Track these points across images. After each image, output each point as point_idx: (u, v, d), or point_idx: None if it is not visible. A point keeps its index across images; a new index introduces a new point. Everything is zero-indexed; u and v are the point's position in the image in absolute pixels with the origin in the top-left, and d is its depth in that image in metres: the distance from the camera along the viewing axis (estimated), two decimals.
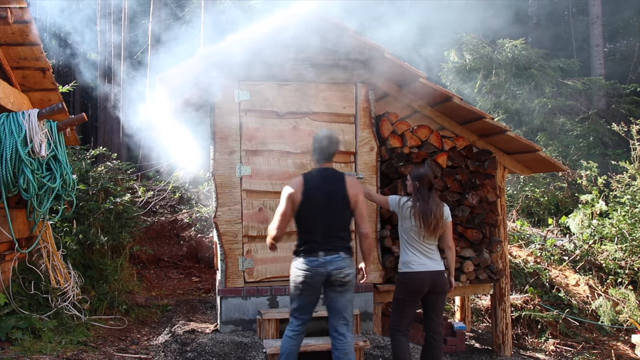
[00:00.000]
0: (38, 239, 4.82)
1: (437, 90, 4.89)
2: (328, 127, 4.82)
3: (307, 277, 3.45)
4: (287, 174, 4.71)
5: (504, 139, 5.22)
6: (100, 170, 7.41)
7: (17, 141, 4.15)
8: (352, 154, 4.92)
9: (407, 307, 3.94)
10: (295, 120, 4.78)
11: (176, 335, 4.63)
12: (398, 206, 4.01)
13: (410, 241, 3.92)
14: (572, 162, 11.27)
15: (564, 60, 12.71)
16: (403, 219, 3.97)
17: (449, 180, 5.10)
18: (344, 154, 4.88)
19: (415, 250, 3.90)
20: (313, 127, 4.81)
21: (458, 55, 12.46)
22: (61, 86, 6.04)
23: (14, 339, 4.10)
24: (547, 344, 6.44)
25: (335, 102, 4.90)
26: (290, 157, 4.76)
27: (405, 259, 3.93)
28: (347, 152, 4.89)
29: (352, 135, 4.92)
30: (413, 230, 3.89)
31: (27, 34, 4.24)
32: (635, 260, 7.55)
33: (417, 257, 3.89)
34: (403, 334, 3.93)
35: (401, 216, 3.99)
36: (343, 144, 4.86)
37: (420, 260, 3.88)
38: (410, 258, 3.90)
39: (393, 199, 4.11)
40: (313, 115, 4.85)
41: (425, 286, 3.87)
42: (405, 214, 3.94)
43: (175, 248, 8.19)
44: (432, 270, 3.89)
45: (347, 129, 4.91)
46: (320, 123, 4.84)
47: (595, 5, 14.39)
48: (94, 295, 5.55)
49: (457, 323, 5.85)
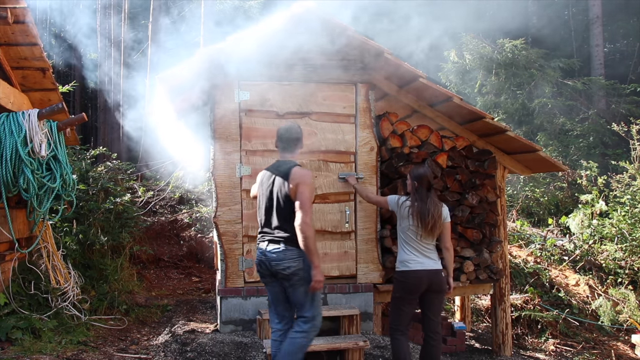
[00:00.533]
0: (38, 239, 4.82)
1: (437, 90, 4.89)
2: (328, 128, 4.84)
3: (257, 266, 3.52)
4: None
5: (504, 139, 5.22)
6: (100, 170, 7.41)
7: (17, 141, 4.15)
8: (352, 154, 4.90)
9: (405, 306, 3.95)
10: (295, 121, 4.76)
11: (176, 335, 4.63)
12: (397, 205, 4.04)
13: (408, 240, 3.94)
14: (572, 162, 11.27)
15: (564, 60, 12.71)
16: (401, 219, 4.00)
17: (449, 180, 5.10)
18: (344, 154, 4.88)
19: (413, 249, 3.92)
20: (313, 128, 4.81)
21: (458, 55, 12.46)
22: (61, 86, 6.04)
23: (14, 339, 4.10)
24: (547, 344, 6.44)
25: (335, 102, 4.89)
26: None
27: (403, 258, 3.95)
28: (347, 152, 4.89)
29: (352, 135, 4.91)
30: (411, 230, 3.93)
31: (27, 34, 4.25)
32: (635, 260, 7.55)
33: (415, 256, 3.91)
34: (402, 334, 3.93)
35: (400, 215, 4.02)
36: (343, 144, 4.87)
37: (418, 259, 3.90)
38: (407, 257, 3.92)
39: (392, 199, 4.14)
40: (313, 116, 4.84)
41: (422, 284, 3.89)
42: (403, 213, 3.97)
43: (175, 248, 8.18)
44: (430, 269, 3.91)
45: (347, 129, 4.90)
46: (320, 123, 4.84)
47: (595, 5, 14.40)
48: (94, 295, 5.55)
49: (457, 323, 5.85)
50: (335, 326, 4.65)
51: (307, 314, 3.42)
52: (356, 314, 4.56)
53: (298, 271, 3.36)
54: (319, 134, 4.83)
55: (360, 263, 4.86)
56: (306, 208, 3.31)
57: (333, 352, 4.38)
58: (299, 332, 3.40)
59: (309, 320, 3.41)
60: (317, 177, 4.77)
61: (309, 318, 3.42)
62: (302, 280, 3.37)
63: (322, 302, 4.74)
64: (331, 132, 4.86)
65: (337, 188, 4.84)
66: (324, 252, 4.76)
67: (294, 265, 3.35)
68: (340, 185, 4.84)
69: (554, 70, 12.27)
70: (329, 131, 4.85)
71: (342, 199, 4.86)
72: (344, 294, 4.83)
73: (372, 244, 4.88)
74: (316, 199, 4.63)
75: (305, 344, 3.41)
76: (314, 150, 4.80)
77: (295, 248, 3.38)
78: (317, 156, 4.82)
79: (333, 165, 4.85)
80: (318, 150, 4.82)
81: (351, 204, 4.86)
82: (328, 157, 4.84)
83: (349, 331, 4.53)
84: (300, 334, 3.40)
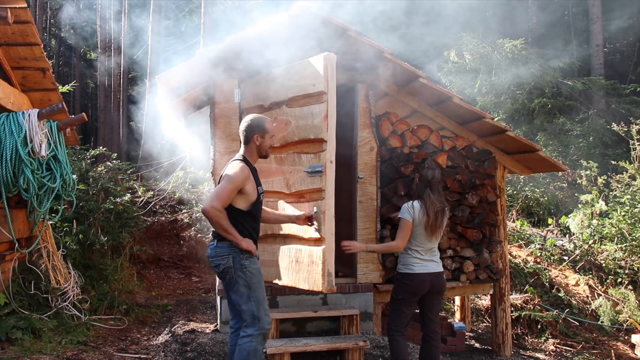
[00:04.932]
0: (38, 239, 4.82)
1: (437, 90, 4.89)
2: (299, 113, 4.00)
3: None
4: (270, 170, 4.27)
5: (504, 139, 5.22)
6: (100, 170, 7.41)
7: (17, 141, 4.15)
8: (323, 141, 3.77)
9: (406, 307, 3.93)
10: (275, 112, 4.30)
11: (176, 335, 4.63)
12: (413, 210, 3.88)
13: (413, 242, 3.90)
14: (572, 162, 11.27)
15: (564, 60, 12.71)
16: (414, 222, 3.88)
17: (449, 180, 5.10)
18: (312, 142, 3.89)
19: (416, 252, 3.89)
20: (288, 116, 4.11)
21: (458, 55, 12.46)
22: (61, 86, 6.04)
23: (14, 338, 4.10)
24: (547, 344, 6.44)
25: (306, 81, 3.95)
26: (274, 152, 4.18)
27: (407, 260, 3.90)
28: (317, 139, 3.83)
29: (320, 117, 3.79)
30: (417, 231, 3.87)
31: (27, 34, 4.25)
32: (635, 260, 7.55)
33: (419, 258, 3.87)
34: (402, 334, 3.93)
35: (417, 220, 3.87)
36: (312, 130, 3.87)
37: (422, 262, 3.87)
38: (411, 259, 3.88)
39: (404, 211, 3.90)
40: (289, 102, 4.13)
41: (425, 287, 3.87)
42: (417, 216, 3.86)
43: (175, 248, 8.18)
44: (433, 271, 3.88)
45: (316, 111, 3.83)
46: (293, 109, 4.07)
47: (595, 6, 14.39)
48: (94, 295, 5.55)
49: (457, 323, 5.85)
50: (335, 326, 4.66)
51: (246, 316, 3.18)
52: (356, 314, 4.56)
53: (228, 269, 3.16)
54: (293, 122, 4.08)
55: (360, 263, 4.86)
56: (217, 193, 3.12)
57: (333, 352, 4.38)
58: (245, 336, 3.18)
59: (252, 324, 3.17)
60: (292, 172, 4.05)
61: (250, 321, 3.17)
62: (234, 279, 3.16)
63: (323, 302, 4.75)
64: (302, 118, 3.98)
65: (308, 184, 3.90)
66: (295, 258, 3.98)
67: (222, 264, 3.16)
68: (313, 180, 3.85)
69: (554, 70, 12.27)
70: (300, 117, 4.00)
71: (316, 197, 3.81)
72: (344, 294, 4.83)
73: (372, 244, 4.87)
74: (290, 198, 4.07)
75: (255, 348, 3.16)
76: (288, 142, 4.12)
77: (226, 245, 3.18)
78: (293, 148, 4.10)
79: (305, 157, 3.96)
80: (292, 142, 4.09)
81: (320, 203, 3.74)
82: (300, 148, 4.03)
83: (349, 331, 4.53)
84: (246, 338, 3.17)
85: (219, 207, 3.10)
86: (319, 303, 4.76)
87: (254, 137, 3.38)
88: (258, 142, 3.39)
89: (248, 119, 3.44)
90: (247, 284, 3.18)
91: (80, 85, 19.38)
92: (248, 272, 3.18)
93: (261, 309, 3.21)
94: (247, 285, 3.18)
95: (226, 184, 3.16)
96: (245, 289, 3.17)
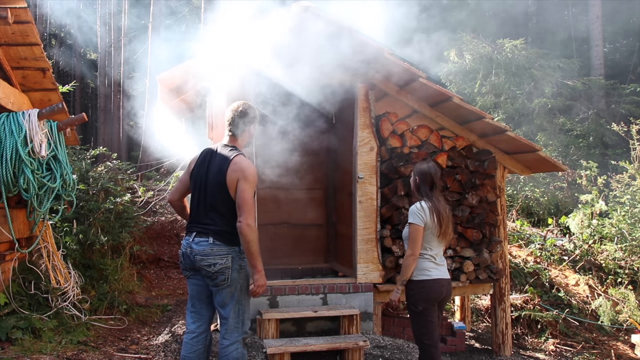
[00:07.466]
0: (38, 239, 4.82)
1: (437, 90, 4.89)
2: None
3: (180, 258, 3.14)
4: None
5: (504, 139, 5.22)
6: (100, 170, 7.41)
7: (17, 141, 4.15)
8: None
9: (431, 316, 3.55)
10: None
11: (176, 335, 4.64)
12: (424, 213, 3.53)
13: (426, 244, 3.57)
14: (572, 162, 11.27)
15: (564, 60, 12.70)
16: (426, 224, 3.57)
17: (449, 180, 5.10)
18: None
19: (430, 256, 3.57)
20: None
21: (458, 55, 12.46)
22: (61, 86, 6.04)
23: (14, 338, 4.10)
24: (547, 344, 6.44)
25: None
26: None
27: (422, 266, 3.54)
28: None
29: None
30: (427, 235, 3.55)
31: (27, 34, 4.24)
32: (635, 260, 7.55)
33: (433, 263, 3.57)
34: (436, 348, 3.54)
35: (428, 222, 3.56)
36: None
37: (437, 266, 3.58)
38: (427, 264, 3.55)
39: (414, 215, 3.54)
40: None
41: (442, 293, 3.57)
42: (428, 218, 3.53)
43: (175, 248, 8.18)
44: (447, 277, 3.63)
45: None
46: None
47: (595, 5, 14.40)
48: (94, 295, 5.55)
49: (457, 323, 5.85)
50: (335, 326, 4.66)
51: (231, 320, 3.03)
52: (356, 314, 4.56)
53: (224, 270, 2.97)
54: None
55: (360, 263, 4.86)
56: (248, 208, 2.91)
57: (333, 352, 4.39)
58: (230, 345, 3.03)
59: (234, 329, 3.04)
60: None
61: (233, 326, 3.04)
62: (228, 281, 3.00)
63: (323, 302, 4.75)
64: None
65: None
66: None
67: (220, 263, 2.97)
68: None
69: (554, 70, 12.27)
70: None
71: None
72: (344, 294, 4.83)
73: (372, 244, 4.88)
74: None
75: (242, 353, 3.06)
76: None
77: (224, 244, 3.00)
78: None
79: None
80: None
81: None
82: None
83: (349, 331, 4.53)
84: (231, 347, 3.03)
85: (254, 225, 2.95)
86: (319, 303, 4.76)
87: (249, 127, 3.19)
88: (253, 132, 3.23)
89: (249, 105, 3.17)
90: (240, 286, 3.06)
91: (80, 85, 19.38)
92: (243, 274, 3.08)
93: (247, 312, 3.13)
94: (240, 288, 3.06)
95: (251, 191, 2.98)
96: (237, 291, 3.04)
